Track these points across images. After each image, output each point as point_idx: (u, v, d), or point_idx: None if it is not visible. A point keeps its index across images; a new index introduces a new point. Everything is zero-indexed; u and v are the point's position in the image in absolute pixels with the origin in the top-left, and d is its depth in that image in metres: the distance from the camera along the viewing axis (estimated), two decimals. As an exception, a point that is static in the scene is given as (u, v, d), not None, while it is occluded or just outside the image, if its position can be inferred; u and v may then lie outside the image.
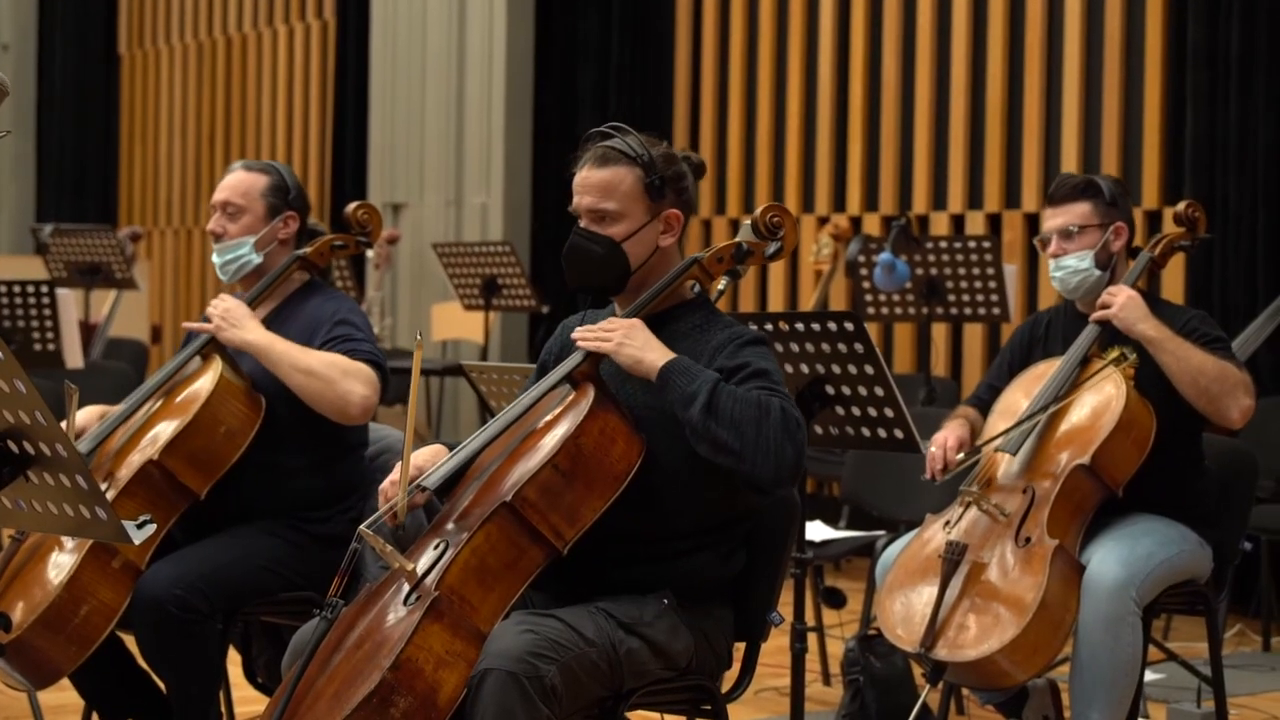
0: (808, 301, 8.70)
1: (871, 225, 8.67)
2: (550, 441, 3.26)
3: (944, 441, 4.61)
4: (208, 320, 4.31)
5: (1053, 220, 4.61)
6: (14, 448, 2.89)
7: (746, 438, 3.21)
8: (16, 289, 6.55)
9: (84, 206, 13.10)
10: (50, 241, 9.17)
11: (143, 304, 11.30)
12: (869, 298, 7.27)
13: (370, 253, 9.56)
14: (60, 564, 4.01)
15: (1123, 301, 4.47)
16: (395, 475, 3.35)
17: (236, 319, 4.23)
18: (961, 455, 4.56)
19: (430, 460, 3.42)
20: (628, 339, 3.36)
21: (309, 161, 11.81)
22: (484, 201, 10.33)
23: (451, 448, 3.45)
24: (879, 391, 4.30)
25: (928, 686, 4.31)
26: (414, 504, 3.35)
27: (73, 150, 13.52)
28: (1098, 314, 4.51)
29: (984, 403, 4.80)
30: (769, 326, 4.34)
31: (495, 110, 10.25)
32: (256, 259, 4.38)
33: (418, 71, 10.73)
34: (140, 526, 2.86)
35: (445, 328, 10.26)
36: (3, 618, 2.97)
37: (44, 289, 6.58)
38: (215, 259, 4.41)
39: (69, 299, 6.70)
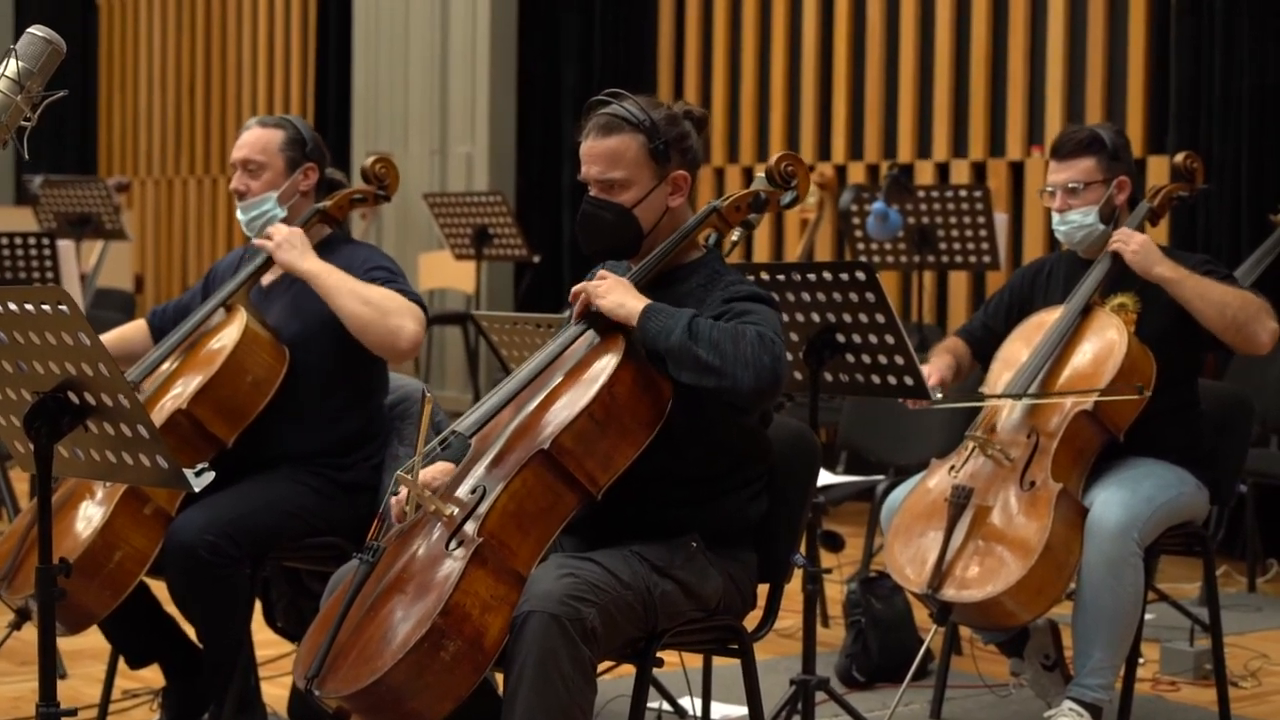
0: (793, 250, 8.78)
1: (856, 174, 8.74)
2: (585, 390, 3.35)
3: (925, 377, 4.70)
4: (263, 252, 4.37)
5: (1057, 175, 4.67)
6: (73, 398, 2.98)
7: (725, 354, 3.31)
8: (18, 241, 6.59)
9: (63, 157, 13.04)
10: (41, 193, 9.19)
11: (126, 254, 11.32)
12: (860, 246, 7.36)
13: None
14: (91, 513, 4.10)
15: (1136, 247, 4.55)
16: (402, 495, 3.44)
17: (298, 243, 4.30)
18: (940, 395, 4.66)
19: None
20: (609, 291, 3.46)
21: (290, 110, 11.78)
22: (468, 151, 10.36)
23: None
24: (889, 340, 4.40)
25: (934, 627, 4.43)
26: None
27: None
28: (1114, 246, 4.58)
29: (975, 337, 4.89)
30: (781, 277, 4.43)
31: (479, 59, 10.26)
32: (281, 213, 4.45)
33: (401, 19, 10.73)
34: (199, 474, 2.95)
35: (432, 277, 10.31)
36: (63, 563, 3.05)
37: (44, 241, 6.63)
38: (240, 216, 4.48)
39: (70, 251, 6.75)
